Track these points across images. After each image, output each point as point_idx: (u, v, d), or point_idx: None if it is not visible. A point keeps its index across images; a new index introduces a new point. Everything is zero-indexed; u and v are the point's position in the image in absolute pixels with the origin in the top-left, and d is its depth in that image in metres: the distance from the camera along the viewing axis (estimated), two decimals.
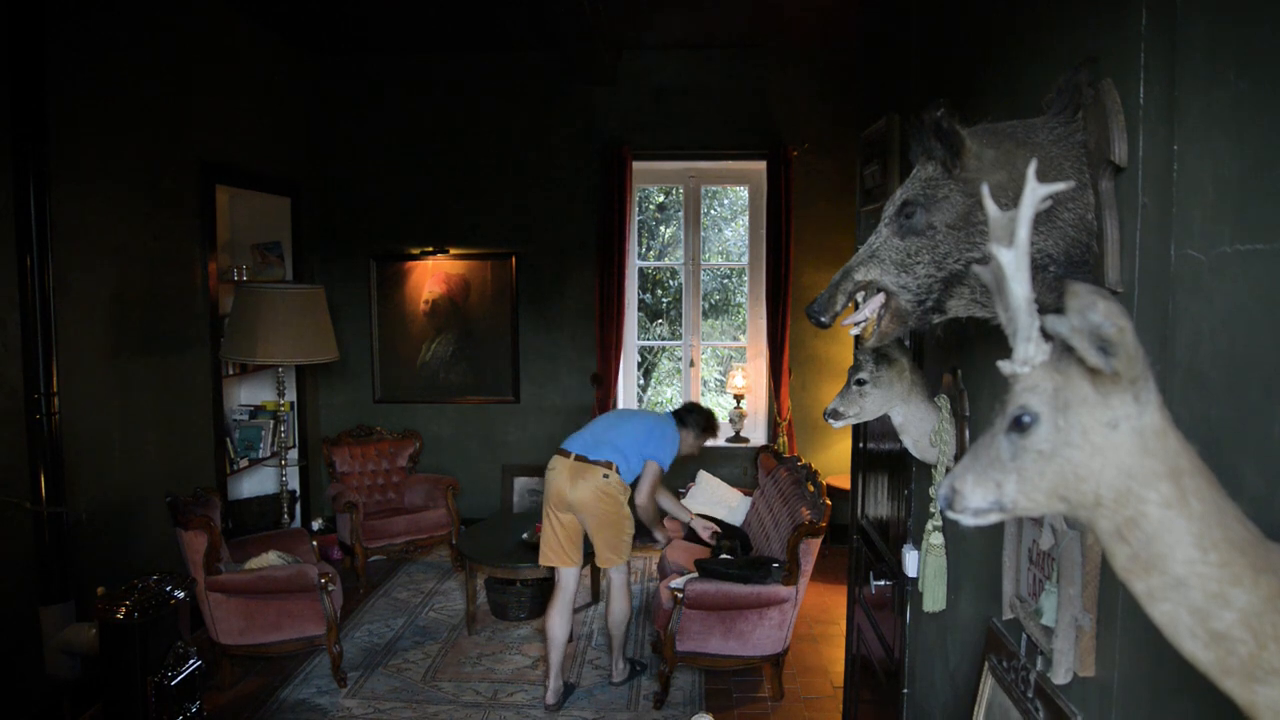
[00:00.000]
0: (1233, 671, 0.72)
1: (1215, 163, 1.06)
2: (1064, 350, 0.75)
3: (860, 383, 1.93)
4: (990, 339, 1.61)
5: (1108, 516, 0.74)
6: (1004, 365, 0.78)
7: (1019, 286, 0.77)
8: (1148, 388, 0.72)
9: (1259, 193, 0.98)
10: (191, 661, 3.39)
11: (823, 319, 1.38)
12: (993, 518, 0.80)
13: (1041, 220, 1.26)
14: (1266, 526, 0.77)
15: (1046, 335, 0.77)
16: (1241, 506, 0.76)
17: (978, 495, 0.79)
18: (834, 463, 6.19)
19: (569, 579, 4.01)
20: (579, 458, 3.90)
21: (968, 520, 0.80)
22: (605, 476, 3.89)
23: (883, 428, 2.74)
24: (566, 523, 3.96)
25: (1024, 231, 0.77)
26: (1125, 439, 0.72)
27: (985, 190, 0.86)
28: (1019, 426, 0.76)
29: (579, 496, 3.87)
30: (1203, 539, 0.71)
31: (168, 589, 3.33)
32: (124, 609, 3.16)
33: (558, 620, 3.97)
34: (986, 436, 0.80)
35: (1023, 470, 0.76)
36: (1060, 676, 1.39)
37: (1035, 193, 0.79)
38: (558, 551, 3.99)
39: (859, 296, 1.42)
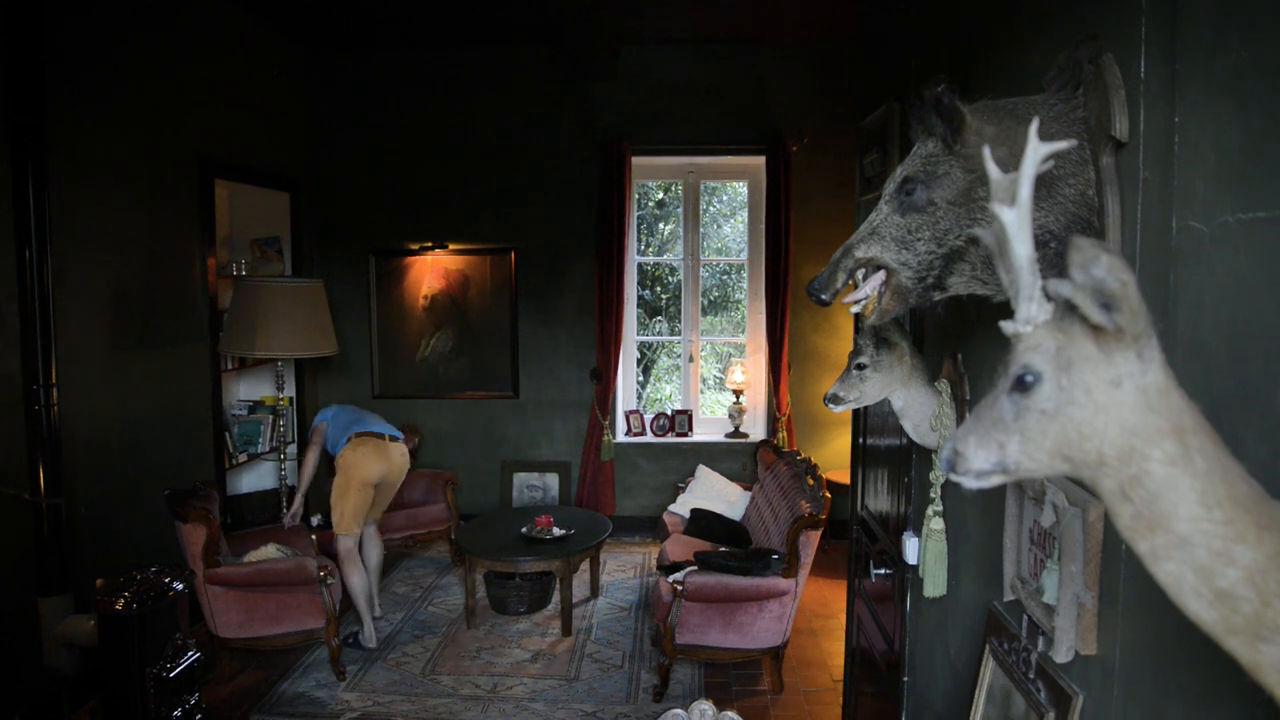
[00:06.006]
0: (1237, 630, 0.72)
1: (1217, 132, 1.06)
2: (1067, 309, 0.75)
3: (860, 367, 1.93)
4: (990, 324, 1.61)
5: (1111, 475, 0.74)
6: (1006, 325, 0.78)
7: (1021, 246, 0.77)
8: (1150, 345, 0.72)
9: (1261, 160, 0.98)
10: (190, 654, 3.39)
11: (823, 296, 1.38)
12: (995, 479, 0.79)
13: (1042, 196, 1.26)
14: (1270, 494, 0.77)
15: (1048, 297, 0.77)
16: None
17: (980, 456, 0.78)
18: (833, 458, 6.19)
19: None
20: (392, 438, 4.61)
21: (970, 482, 0.80)
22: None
23: (882, 421, 2.74)
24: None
25: (1026, 190, 0.77)
26: (1129, 396, 0.72)
27: (987, 151, 0.86)
28: (1022, 386, 0.76)
29: (401, 466, 4.63)
30: (1207, 496, 0.71)
31: (166, 580, 3.32)
32: (123, 601, 3.16)
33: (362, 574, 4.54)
34: (989, 398, 0.80)
35: (1026, 430, 0.76)
36: (1062, 655, 1.39)
37: (1037, 151, 0.78)
38: (365, 516, 4.57)
39: (859, 274, 1.42)
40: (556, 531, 4.82)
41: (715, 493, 5.67)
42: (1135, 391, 0.72)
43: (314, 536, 4.79)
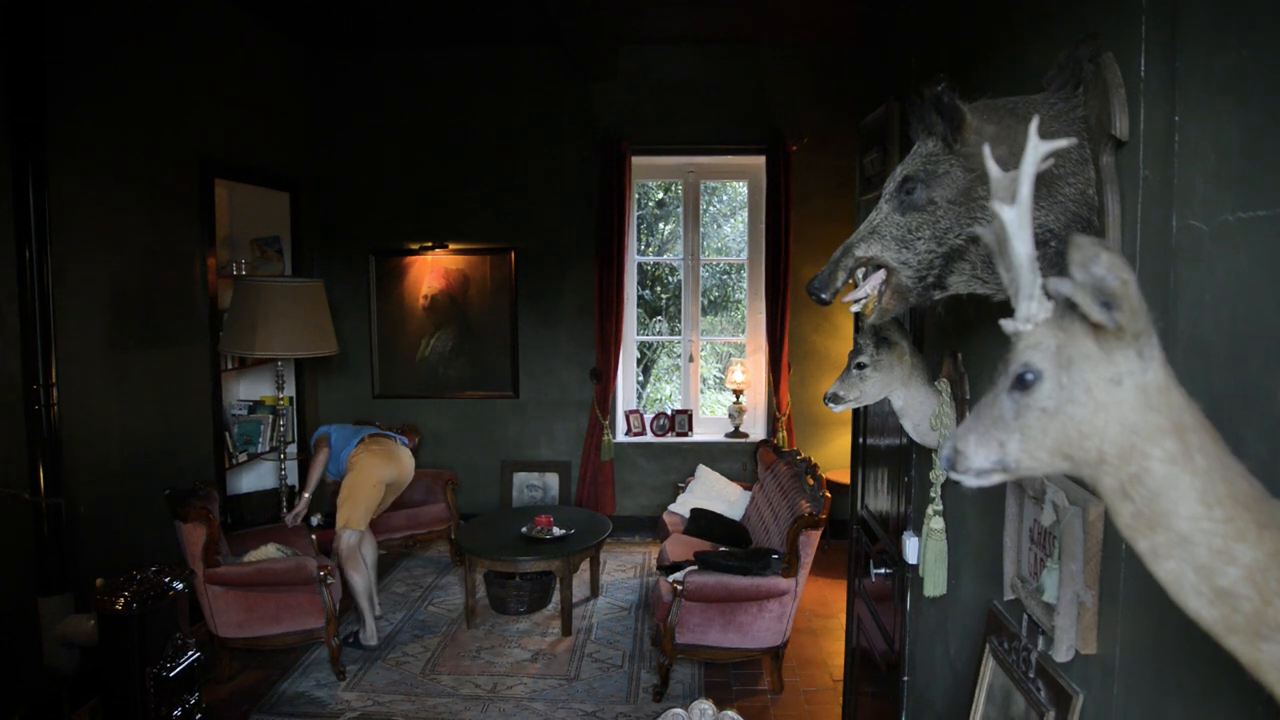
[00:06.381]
0: (1237, 629, 0.72)
1: (1217, 131, 1.05)
2: (1067, 308, 0.75)
3: (860, 366, 1.93)
4: (990, 323, 1.61)
5: (1111, 474, 0.74)
6: (1006, 324, 0.78)
7: (1021, 244, 0.77)
8: (1151, 343, 0.72)
9: (1261, 159, 0.98)
10: (190, 653, 3.39)
11: (823, 295, 1.38)
12: (995, 478, 0.79)
13: (1042, 195, 1.26)
14: (1271, 492, 0.77)
15: (1049, 295, 0.77)
16: None
17: (980, 455, 0.78)
18: (833, 458, 6.19)
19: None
20: (401, 442, 4.83)
21: (970, 481, 0.80)
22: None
23: (882, 421, 2.74)
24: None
25: (1026, 189, 0.77)
26: (1129, 395, 0.72)
27: (987, 149, 0.86)
28: (1022, 384, 0.76)
29: (409, 469, 4.79)
30: (1207, 494, 0.71)
31: (166, 580, 3.32)
32: (123, 600, 3.16)
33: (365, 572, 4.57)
34: (989, 396, 0.80)
35: (1026, 429, 0.76)
36: (1062, 654, 1.39)
37: (1038, 149, 0.78)
38: (372, 515, 4.66)
39: (859, 273, 1.42)
40: (556, 531, 4.82)
41: (715, 492, 5.67)
42: (1135, 389, 0.72)
43: (314, 536, 4.80)
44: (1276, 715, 0.81)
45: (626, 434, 6.42)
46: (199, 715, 3.42)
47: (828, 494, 4.04)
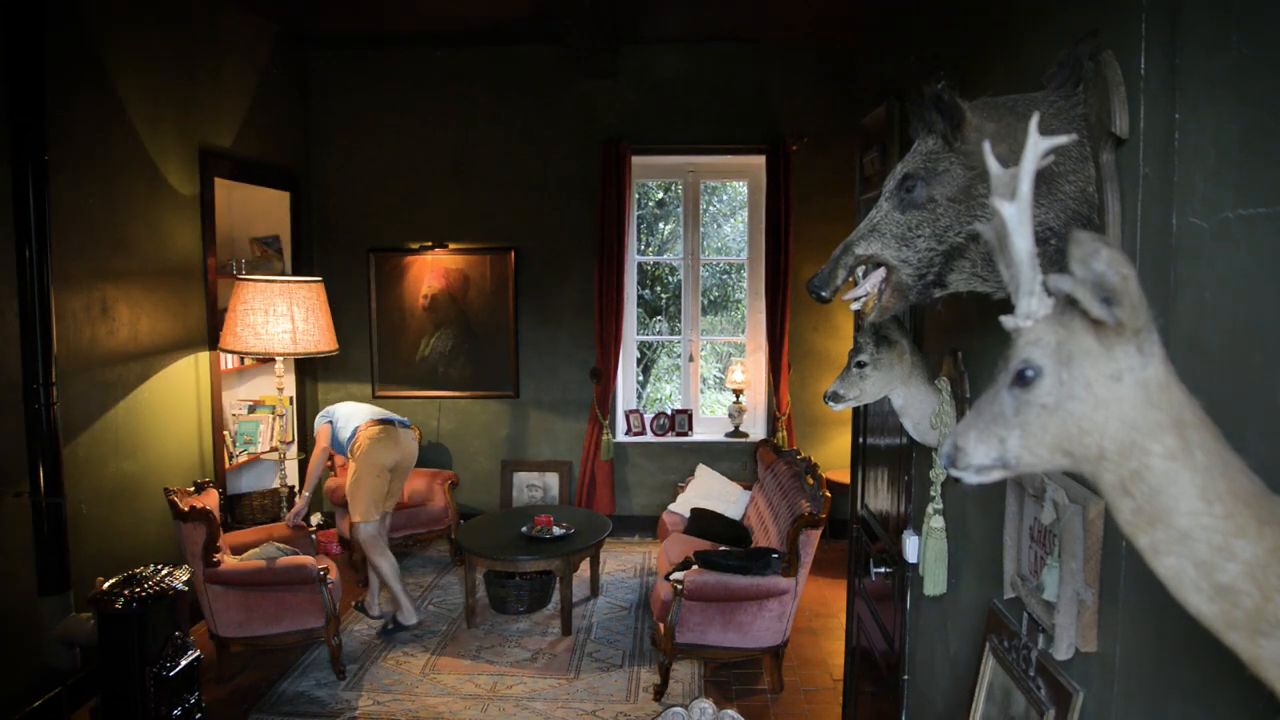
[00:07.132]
0: (1238, 625, 0.72)
1: (1217, 129, 1.06)
2: (1067, 304, 0.75)
3: (860, 365, 1.93)
4: (990, 322, 1.61)
5: (1112, 470, 0.74)
6: (1007, 320, 0.78)
7: (1021, 241, 0.77)
8: (1151, 339, 0.72)
9: (1261, 156, 0.98)
10: (190, 653, 3.39)
11: (823, 293, 1.38)
12: (995, 475, 0.79)
13: (1043, 193, 1.26)
14: (1271, 488, 0.77)
15: (1049, 292, 0.77)
16: None
17: (980, 452, 0.78)
18: (833, 457, 6.19)
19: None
20: (401, 425, 4.81)
21: (971, 478, 0.80)
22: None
23: (882, 420, 2.74)
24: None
25: (1026, 185, 0.77)
26: (1129, 391, 0.72)
27: (987, 146, 0.86)
28: (1022, 381, 0.76)
29: (412, 452, 4.83)
30: (1207, 491, 0.71)
31: (166, 580, 3.32)
32: (122, 599, 3.16)
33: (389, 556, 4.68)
34: (989, 393, 0.80)
35: (1026, 425, 0.76)
36: (1062, 652, 1.39)
37: (1038, 146, 0.78)
38: (384, 503, 4.71)
39: (859, 271, 1.42)
40: (556, 531, 4.82)
41: (715, 492, 5.66)
42: (1135, 386, 0.72)
43: (314, 536, 4.79)
44: (1277, 712, 0.81)
45: (626, 434, 6.42)
46: (199, 715, 3.43)
47: (828, 493, 4.04)
